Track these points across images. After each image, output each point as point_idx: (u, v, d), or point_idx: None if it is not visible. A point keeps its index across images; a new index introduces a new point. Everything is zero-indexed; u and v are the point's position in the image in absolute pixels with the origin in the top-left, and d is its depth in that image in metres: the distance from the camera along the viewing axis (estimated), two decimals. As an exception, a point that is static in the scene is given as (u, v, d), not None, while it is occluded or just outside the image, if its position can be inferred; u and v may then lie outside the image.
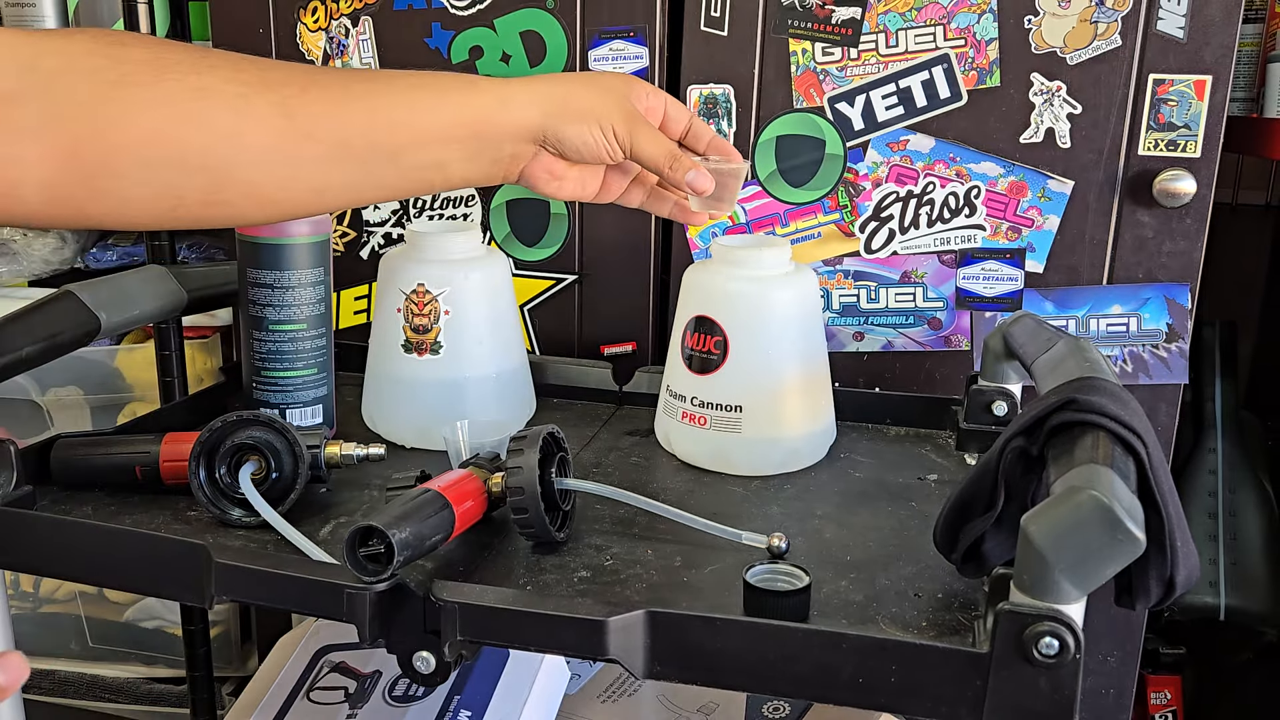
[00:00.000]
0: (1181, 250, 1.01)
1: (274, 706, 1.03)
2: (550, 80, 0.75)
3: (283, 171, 0.64)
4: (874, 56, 1.03)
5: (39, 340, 0.80)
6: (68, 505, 0.79)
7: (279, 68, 0.66)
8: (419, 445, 0.91)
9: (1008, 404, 0.86)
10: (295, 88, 0.64)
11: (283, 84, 0.64)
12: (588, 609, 0.58)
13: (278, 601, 0.63)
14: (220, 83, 0.62)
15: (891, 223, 1.06)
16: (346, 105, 0.66)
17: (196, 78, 0.61)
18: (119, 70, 0.59)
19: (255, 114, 0.62)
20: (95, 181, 0.60)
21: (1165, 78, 0.99)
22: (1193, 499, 1.37)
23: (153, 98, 0.60)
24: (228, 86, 0.62)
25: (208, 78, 0.61)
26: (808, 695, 0.58)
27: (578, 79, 0.76)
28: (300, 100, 0.64)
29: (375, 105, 0.67)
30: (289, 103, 0.63)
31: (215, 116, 0.61)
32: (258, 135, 0.62)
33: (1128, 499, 0.49)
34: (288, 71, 0.66)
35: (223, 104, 0.61)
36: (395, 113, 0.67)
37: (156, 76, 0.60)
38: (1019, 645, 0.51)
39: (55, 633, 1.45)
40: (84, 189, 0.60)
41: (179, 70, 0.61)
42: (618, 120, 0.74)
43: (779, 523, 0.77)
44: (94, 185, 0.60)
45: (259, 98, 0.63)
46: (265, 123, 0.63)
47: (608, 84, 0.76)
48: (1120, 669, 1.10)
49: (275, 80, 0.64)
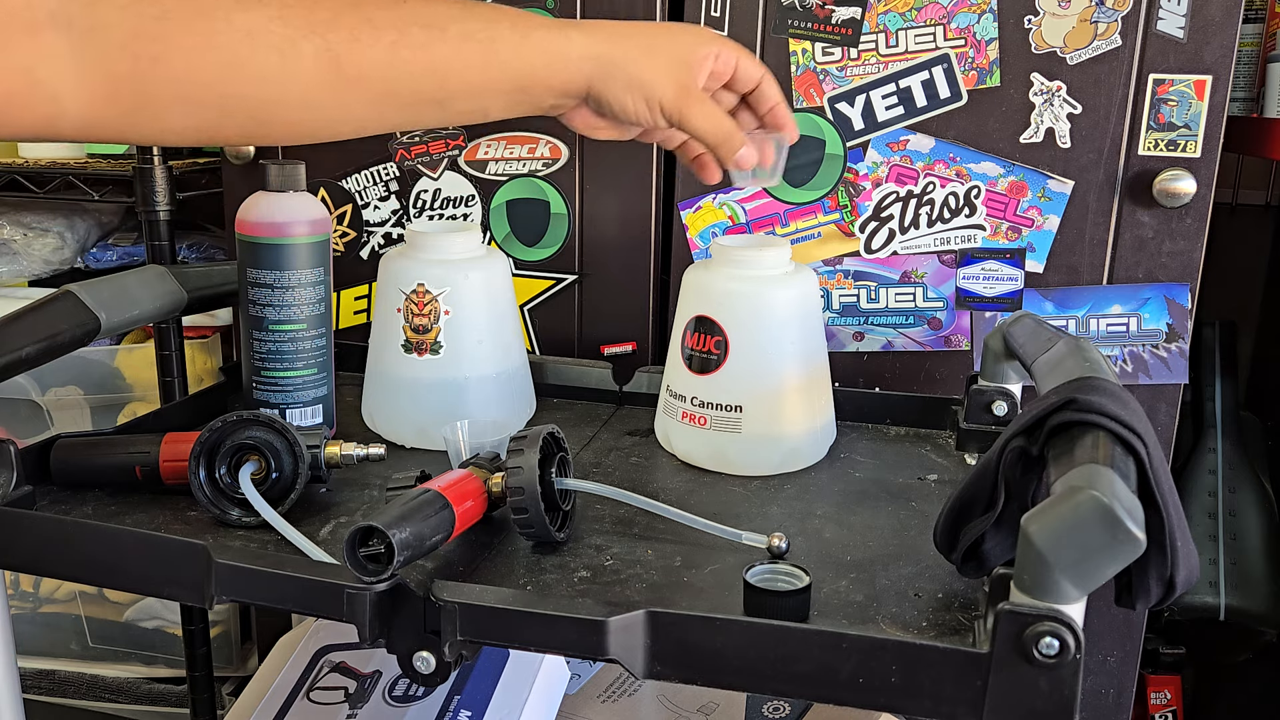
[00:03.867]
0: (1181, 250, 1.01)
1: (274, 706, 1.03)
2: (609, 35, 0.72)
3: (326, 114, 0.64)
4: (874, 56, 1.03)
5: (39, 340, 0.80)
6: (68, 505, 0.79)
7: (325, 6, 0.63)
8: (419, 445, 0.91)
9: (1008, 404, 0.86)
10: (345, 32, 0.62)
11: (331, 25, 0.62)
12: (588, 609, 0.58)
13: (278, 601, 0.63)
14: (265, 22, 0.60)
15: (891, 223, 1.06)
16: (395, 55, 0.64)
17: (242, 16, 0.59)
18: (160, 5, 0.57)
19: (301, 61, 0.61)
20: (133, 116, 0.59)
21: (1165, 78, 0.99)
22: (1193, 499, 1.37)
23: (195, 39, 0.58)
24: (273, 27, 0.60)
25: (253, 16, 0.59)
26: (808, 695, 0.58)
27: (640, 38, 0.73)
28: (349, 48, 0.62)
29: (425, 58, 0.65)
30: (336, 49, 0.62)
31: (260, 62, 0.60)
32: (303, 82, 0.61)
33: (1128, 499, 0.49)
34: (337, 10, 0.63)
35: (268, 49, 0.60)
36: (444, 65, 0.66)
37: (199, 13, 0.58)
38: (1019, 645, 0.51)
39: (55, 633, 1.45)
40: (123, 121, 0.59)
41: (223, 7, 0.59)
42: (668, 94, 0.72)
43: (779, 523, 0.77)
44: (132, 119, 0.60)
45: (306, 43, 0.61)
46: (311, 70, 0.61)
47: (671, 47, 0.74)
48: (1120, 669, 1.10)
49: (323, 21, 0.62)
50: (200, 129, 0.62)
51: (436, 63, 0.65)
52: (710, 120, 0.74)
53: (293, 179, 0.86)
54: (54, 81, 0.57)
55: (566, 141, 1.10)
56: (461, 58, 0.66)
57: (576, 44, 0.70)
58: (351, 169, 1.17)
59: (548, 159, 1.11)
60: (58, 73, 0.57)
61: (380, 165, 1.16)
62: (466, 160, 1.13)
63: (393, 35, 0.64)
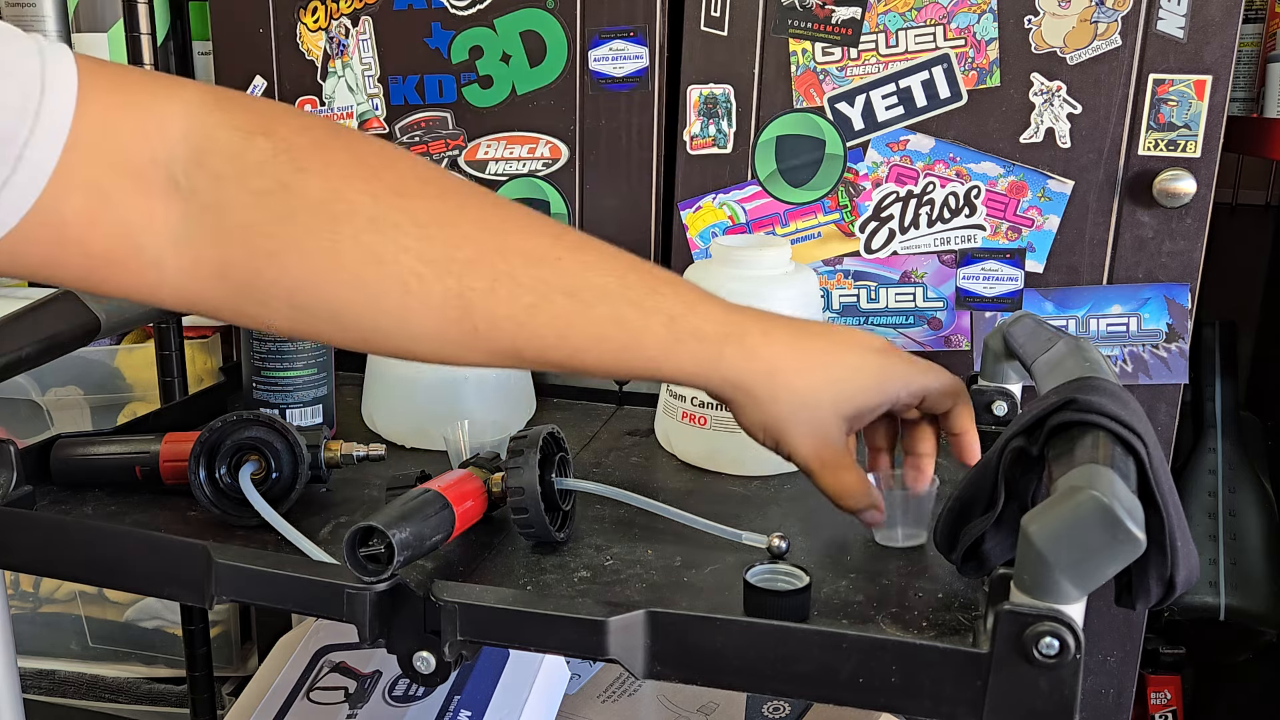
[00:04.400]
0: (1181, 250, 1.01)
1: (274, 706, 1.03)
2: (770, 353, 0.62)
3: (444, 352, 0.58)
4: (874, 56, 1.03)
5: (39, 340, 0.80)
6: (68, 505, 0.79)
7: (470, 242, 0.56)
8: (419, 445, 0.91)
9: (1008, 404, 0.86)
10: (484, 280, 0.55)
11: (470, 269, 0.55)
12: (588, 609, 0.58)
13: (278, 601, 0.63)
14: (397, 251, 0.54)
15: (891, 223, 1.06)
16: (531, 320, 0.57)
17: (372, 238, 0.54)
18: (288, 204, 0.53)
19: (428, 299, 0.55)
20: (238, 301, 0.56)
21: (1165, 78, 0.99)
22: (1193, 499, 1.36)
23: (317, 249, 0.54)
24: (405, 259, 0.54)
25: (385, 240, 0.54)
26: (808, 695, 0.58)
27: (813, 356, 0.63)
28: (484, 300, 0.56)
29: (562, 330, 0.57)
30: (469, 297, 0.55)
31: (382, 291, 0.55)
32: (426, 320, 0.56)
33: (1128, 499, 0.49)
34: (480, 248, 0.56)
35: (394, 280, 0.54)
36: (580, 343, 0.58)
37: (328, 224, 0.54)
38: (1019, 645, 0.51)
39: (55, 633, 1.45)
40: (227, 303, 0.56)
41: (354, 223, 0.54)
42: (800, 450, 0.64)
43: (779, 523, 0.77)
44: (236, 303, 0.56)
45: (438, 283, 0.55)
46: (438, 310, 0.55)
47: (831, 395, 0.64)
48: (1120, 669, 1.10)
49: (463, 261, 0.55)
50: (308, 331, 0.58)
51: (573, 339, 0.58)
52: (837, 482, 0.66)
53: (293, 179, 0.86)
54: (158, 249, 0.54)
55: (566, 141, 1.10)
56: (602, 342, 0.58)
57: (728, 363, 0.61)
58: (351, 169, 1.17)
59: (548, 159, 1.11)
60: (164, 241, 0.54)
61: (380, 165, 1.16)
62: (466, 160, 1.13)
63: (532, 298, 0.57)
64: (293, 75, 1.16)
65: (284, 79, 1.16)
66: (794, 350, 0.63)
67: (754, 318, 0.63)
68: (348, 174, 0.55)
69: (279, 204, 0.54)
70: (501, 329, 0.57)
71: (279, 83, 1.16)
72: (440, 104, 1.13)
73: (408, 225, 0.55)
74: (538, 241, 0.58)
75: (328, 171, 0.55)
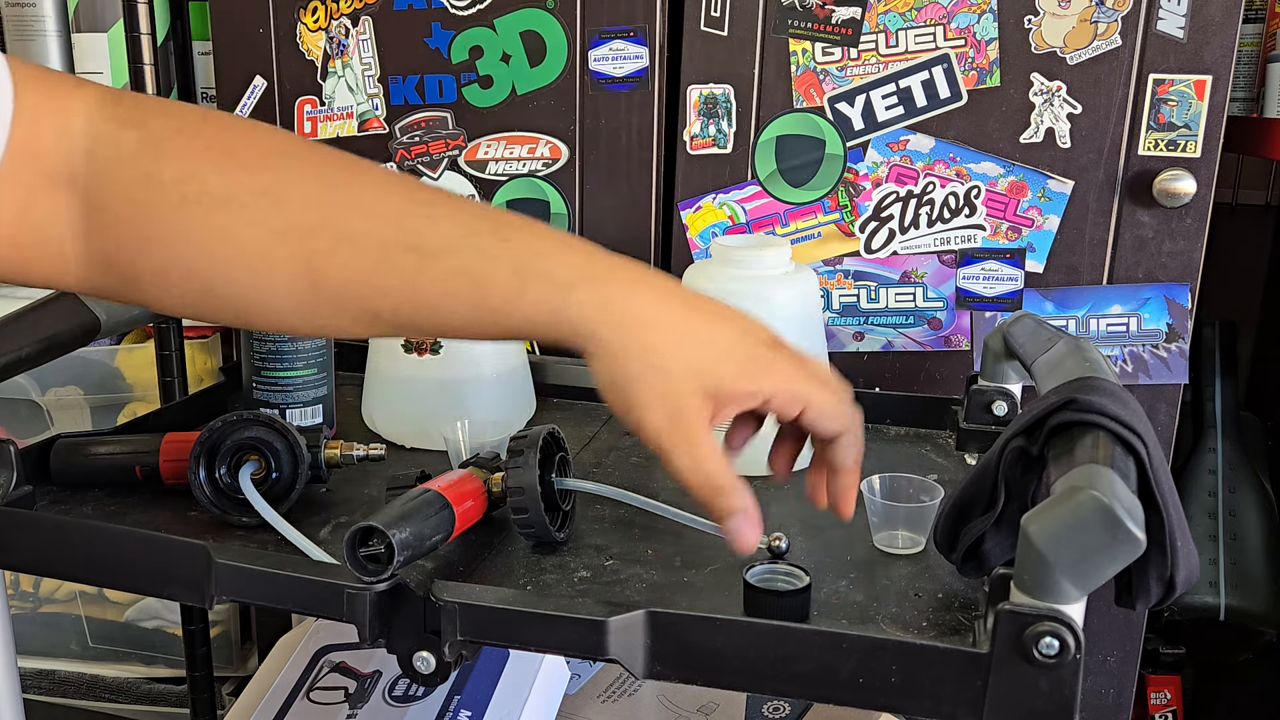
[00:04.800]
0: (1181, 250, 1.01)
1: (274, 706, 1.03)
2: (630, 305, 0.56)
3: (304, 321, 0.59)
4: (874, 56, 1.03)
5: (39, 340, 0.80)
6: (68, 505, 0.79)
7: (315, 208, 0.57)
8: (419, 445, 0.91)
9: (1008, 404, 0.86)
10: (327, 243, 0.56)
11: (312, 233, 0.56)
12: (588, 609, 0.58)
13: (278, 601, 0.63)
14: (246, 225, 0.56)
15: (891, 223, 1.06)
16: (375, 278, 0.56)
17: (222, 216, 0.56)
18: (150, 193, 0.56)
19: (281, 270, 0.56)
20: (124, 290, 0.60)
21: (1165, 78, 0.99)
22: (1193, 499, 1.37)
23: (178, 234, 0.56)
24: (253, 232, 0.56)
25: (235, 217, 0.56)
26: (808, 695, 0.58)
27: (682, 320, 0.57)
28: (327, 262, 0.56)
29: (406, 287, 0.56)
30: (315, 262, 0.56)
31: (239, 267, 0.56)
32: (282, 291, 0.57)
33: (1128, 499, 0.49)
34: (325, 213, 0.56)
35: (247, 255, 0.56)
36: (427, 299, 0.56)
37: (183, 208, 0.56)
38: (1019, 645, 0.51)
39: (55, 633, 1.45)
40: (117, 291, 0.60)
41: (203, 204, 0.56)
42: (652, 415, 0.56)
43: (779, 523, 0.77)
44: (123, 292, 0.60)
45: (281, 249, 0.56)
46: (290, 280, 0.56)
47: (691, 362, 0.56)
48: (1120, 669, 1.10)
49: (305, 227, 0.56)
50: (196, 313, 0.61)
51: (422, 295, 0.56)
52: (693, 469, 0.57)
53: (293, 179, 0.86)
54: (63, 241, 0.57)
55: (566, 141, 1.10)
56: (450, 297, 0.56)
57: (575, 307, 0.55)
58: (351, 169, 1.17)
59: (548, 159, 1.11)
60: (68, 234, 0.57)
61: (380, 165, 1.16)
62: (466, 160, 1.13)
63: (374, 257, 0.56)
64: (293, 75, 1.16)
65: (284, 79, 1.16)
66: (660, 308, 0.57)
67: (624, 269, 0.58)
68: (202, 158, 0.57)
69: (143, 194, 0.56)
70: (350, 291, 0.57)
71: (279, 83, 1.16)
72: (440, 104, 1.13)
73: (256, 200, 0.56)
74: (387, 201, 0.58)
75: (182, 157, 0.57)
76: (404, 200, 0.58)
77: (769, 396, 0.59)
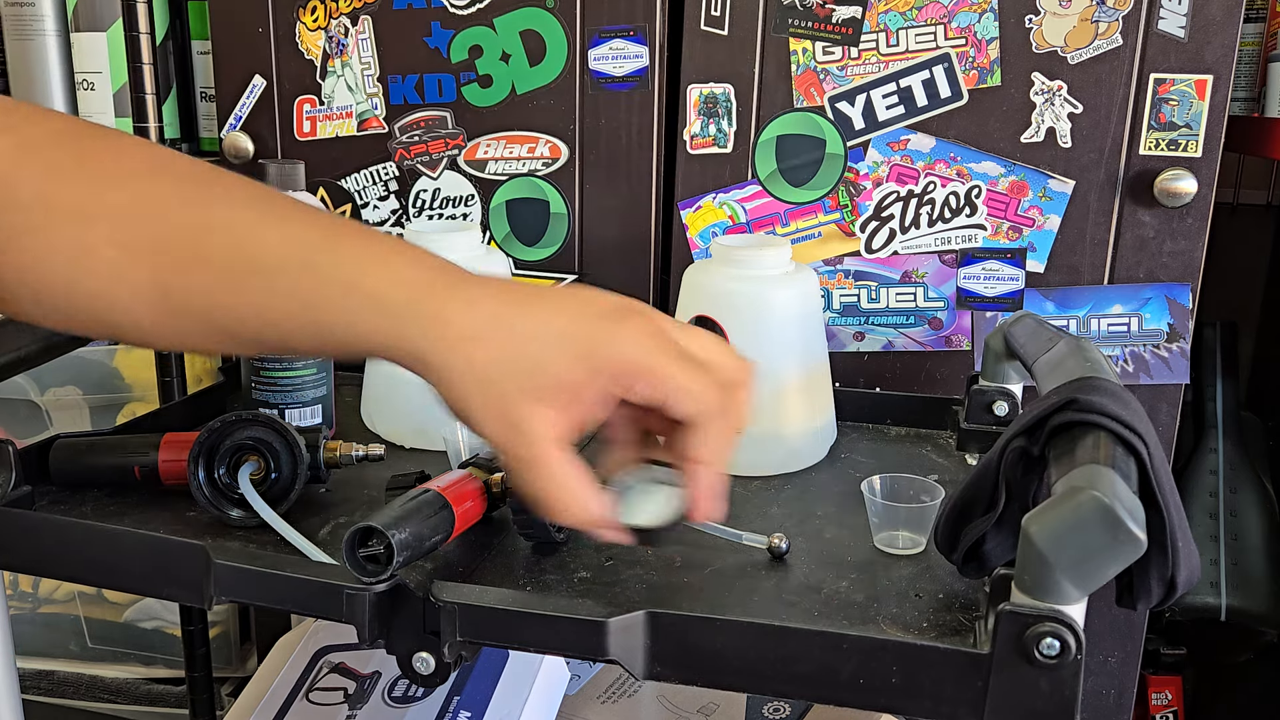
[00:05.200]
0: (1182, 250, 1.01)
1: (273, 707, 1.03)
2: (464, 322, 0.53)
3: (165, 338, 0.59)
4: (874, 56, 1.03)
5: (39, 340, 0.80)
6: (67, 505, 0.79)
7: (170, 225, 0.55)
8: (419, 445, 0.91)
9: (1008, 404, 0.85)
10: (178, 261, 0.55)
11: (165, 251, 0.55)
12: (588, 609, 0.57)
13: (277, 602, 0.63)
14: (100, 242, 0.55)
15: (892, 222, 1.06)
16: (227, 298, 0.55)
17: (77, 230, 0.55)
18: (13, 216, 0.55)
19: (133, 288, 0.55)
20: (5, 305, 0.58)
21: (1166, 77, 0.98)
22: (1193, 499, 1.36)
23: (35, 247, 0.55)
24: (107, 251, 0.55)
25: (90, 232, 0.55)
26: (808, 696, 0.57)
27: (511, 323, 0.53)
28: (179, 280, 0.55)
29: (247, 305, 0.55)
30: (165, 280, 0.55)
31: (95, 283, 0.55)
32: (136, 309, 0.56)
33: (1129, 499, 0.49)
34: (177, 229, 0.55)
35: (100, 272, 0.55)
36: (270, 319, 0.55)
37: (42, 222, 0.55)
38: (1020, 646, 0.51)
39: (54, 633, 1.45)
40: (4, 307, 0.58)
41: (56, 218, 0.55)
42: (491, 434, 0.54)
43: (779, 523, 0.77)
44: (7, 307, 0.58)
45: (137, 270, 0.55)
46: (144, 299, 0.56)
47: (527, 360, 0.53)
48: (1121, 669, 1.10)
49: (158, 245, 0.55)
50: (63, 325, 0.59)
51: (270, 315, 0.55)
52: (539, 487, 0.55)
53: (292, 178, 0.86)
54: None
55: (566, 141, 1.10)
56: (293, 318, 0.55)
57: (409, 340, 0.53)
58: (351, 168, 1.17)
59: (547, 158, 1.11)
60: None
61: (380, 165, 1.16)
62: (466, 160, 1.13)
63: (218, 276, 0.55)
64: (292, 75, 1.16)
65: (283, 78, 1.16)
66: (493, 319, 0.53)
67: (460, 284, 0.54)
68: (64, 171, 0.56)
69: (11, 213, 0.55)
70: (203, 311, 0.56)
71: (278, 82, 1.16)
72: (440, 103, 1.12)
73: (110, 216, 0.55)
74: (239, 218, 0.56)
75: (45, 170, 0.55)
76: (256, 218, 0.56)
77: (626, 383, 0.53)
